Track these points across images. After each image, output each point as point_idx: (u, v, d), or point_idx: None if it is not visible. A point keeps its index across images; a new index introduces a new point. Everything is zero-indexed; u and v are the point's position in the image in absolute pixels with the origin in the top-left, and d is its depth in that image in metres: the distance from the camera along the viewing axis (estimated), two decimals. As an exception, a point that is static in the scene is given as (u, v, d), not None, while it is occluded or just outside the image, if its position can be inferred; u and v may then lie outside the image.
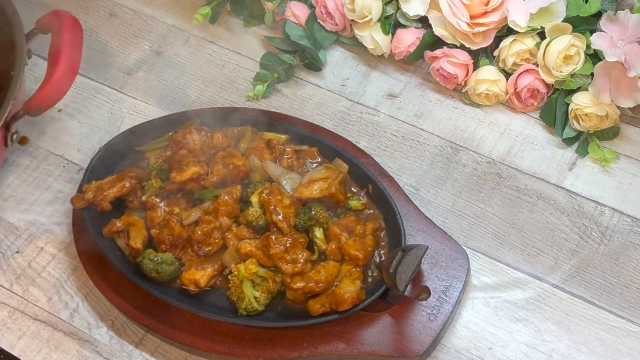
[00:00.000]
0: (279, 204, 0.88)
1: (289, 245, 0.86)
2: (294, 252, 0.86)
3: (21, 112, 0.94)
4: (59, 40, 0.93)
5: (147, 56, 1.13)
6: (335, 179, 0.90)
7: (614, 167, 0.99)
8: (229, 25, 1.15)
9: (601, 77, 0.96)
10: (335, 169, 0.92)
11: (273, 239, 0.87)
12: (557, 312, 0.90)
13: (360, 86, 1.08)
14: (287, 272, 0.85)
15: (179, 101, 1.08)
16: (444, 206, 0.98)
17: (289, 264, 0.86)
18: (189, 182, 0.92)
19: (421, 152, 1.02)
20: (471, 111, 1.05)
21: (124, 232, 0.91)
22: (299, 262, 0.86)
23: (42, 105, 0.93)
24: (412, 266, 0.82)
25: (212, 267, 0.88)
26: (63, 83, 0.92)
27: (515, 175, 0.99)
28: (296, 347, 0.85)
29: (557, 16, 0.99)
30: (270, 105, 1.07)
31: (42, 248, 0.97)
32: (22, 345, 0.91)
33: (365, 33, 1.06)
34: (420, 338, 0.85)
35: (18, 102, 0.94)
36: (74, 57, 0.93)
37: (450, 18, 1.00)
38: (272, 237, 0.87)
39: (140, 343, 0.90)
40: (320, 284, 0.85)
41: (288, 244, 0.86)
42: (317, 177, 0.91)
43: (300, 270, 0.85)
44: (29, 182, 1.02)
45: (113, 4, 1.18)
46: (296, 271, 0.85)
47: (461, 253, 0.90)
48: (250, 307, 0.86)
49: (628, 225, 0.95)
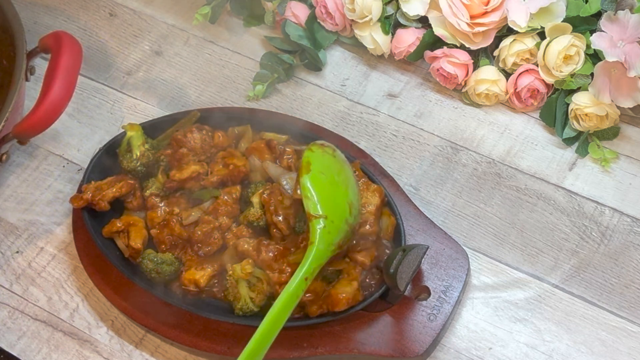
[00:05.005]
0: (279, 204, 0.88)
1: (278, 254, 0.86)
2: (282, 261, 0.86)
3: (11, 135, 0.92)
4: (55, 63, 0.91)
5: (147, 56, 1.13)
6: (335, 179, 0.90)
7: (614, 167, 1.00)
8: (229, 25, 1.15)
9: (601, 77, 0.96)
10: (335, 169, 0.92)
11: (265, 245, 0.86)
12: (557, 312, 0.90)
13: (360, 86, 1.08)
14: (274, 280, 0.85)
15: (179, 101, 1.08)
16: (444, 206, 0.98)
17: (275, 273, 0.85)
18: (189, 181, 0.92)
19: (421, 152, 1.02)
20: (471, 111, 1.05)
21: (124, 232, 0.91)
22: (286, 272, 0.85)
23: (29, 132, 0.91)
24: (413, 266, 0.82)
25: (211, 267, 0.88)
26: (51, 111, 0.90)
27: (515, 175, 0.99)
28: (296, 347, 0.85)
29: (557, 16, 0.99)
30: (270, 105, 1.07)
31: (42, 248, 0.97)
32: (22, 345, 0.91)
33: (365, 33, 1.06)
34: (420, 338, 0.85)
35: (10, 124, 0.91)
36: (68, 83, 0.91)
37: (450, 18, 1.00)
38: (265, 242, 0.87)
39: (140, 343, 0.90)
40: (309, 294, 0.84)
41: (277, 253, 0.86)
42: (317, 177, 0.91)
43: (285, 281, 0.84)
44: (29, 182, 1.02)
45: (113, 4, 1.18)
46: (282, 281, 0.85)
47: (461, 253, 0.90)
48: (246, 308, 0.85)
49: (628, 225, 0.95)
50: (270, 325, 0.78)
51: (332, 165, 0.85)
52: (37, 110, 0.90)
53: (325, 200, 0.82)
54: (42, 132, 0.92)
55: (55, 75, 0.91)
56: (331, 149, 0.87)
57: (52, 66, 0.92)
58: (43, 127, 0.91)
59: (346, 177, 0.86)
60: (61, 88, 0.90)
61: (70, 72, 0.92)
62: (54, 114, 0.91)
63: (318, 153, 0.85)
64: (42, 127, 0.91)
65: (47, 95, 0.90)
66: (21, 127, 0.91)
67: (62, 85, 0.90)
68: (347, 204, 0.84)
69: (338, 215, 0.83)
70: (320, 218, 0.81)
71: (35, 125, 0.91)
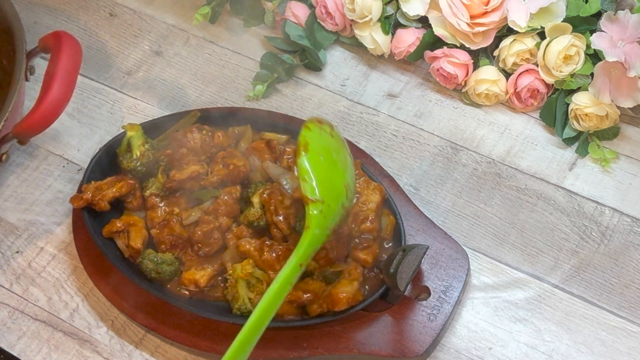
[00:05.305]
0: (280, 204, 0.88)
1: (281, 255, 0.86)
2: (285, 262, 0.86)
3: (10, 135, 0.92)
4: (55, 63, 0.91)
5: (147, 56, 1.13)
6: (335, 179, 0.90)
7: (614, 167, 1.00)
8: (229, 25, 1.15)
9: (601, 77, 0.96)
10: (335, 169, 0.92)
11: (267, 245, 0.86)
12: (557, 312, 0.90)
13: (360, 86, 1.08)
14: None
15: (179, 101, 1.08)
16: (444, 206, 0.98)
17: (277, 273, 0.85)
18: (189, 181, 0.92)
19: (421, 152, 1.02)
20: (471, 111, 1.05)
21: (124, 232, 0.91)
22: None
23: (28, 132, 0.91)
24: (413, 266, 0.82)
25: (212, 267, 0.88)
26: (51, 111, 0.90)
27: (515, 175, 0.99)
28: (296, 347, 0.85)
29: (557, 16, 0.99)
30: (270, 105, 1.07)
31: (42, 248, 0.97)
32: (22, 345, 0.91)
33: (365, 33, 1.06)
34: (420, 338, 0.85)
35: (10, 123, 0.91)
36: (67, 83, 0.90)
37: (450, 18, 1.00)
38: (267, 242, 0.87)
39: (140, 343, 0.90)
40: (308, 294, 0.84)
41: (280, 253, 0.86)
42: (317, 177, 0.91)
43: None
44: (29, 182, 1.02)
45: (113, 4, 1.18)
46: None
47: (461, 253, 0.90)
48: (243, 308, 0.85)
49: (628, 225, 0.95)
50: (263, 313, 0.75)
51: (329, 144, 0.82)
52: (37, 110, 0.90)
53: (322, 183, 0.78)
54: (42, 132, 0.92)
55: (55, 75, 0.90)
56: (329, 127, 0.83)
57: (52, 66, 0.91)
58: (43, 127, 0.91)
59: (344, 156, 0.83)
60: (61, 88, 0.90)
61: (70, 72, 0.91)
62: (54, 114, 0.90)
63: (315, 131, 0.81)
64: (41, 127, 0.91)
65: (47, 95, 0.90)
66: (21, 127, 0.91)
67: (62, 85, 0.90)
68: (343, 186, 0.80)
69: (334, 199, 0.79)
70: (318, 202, 0.77)
71: (35, 125, 0.90)
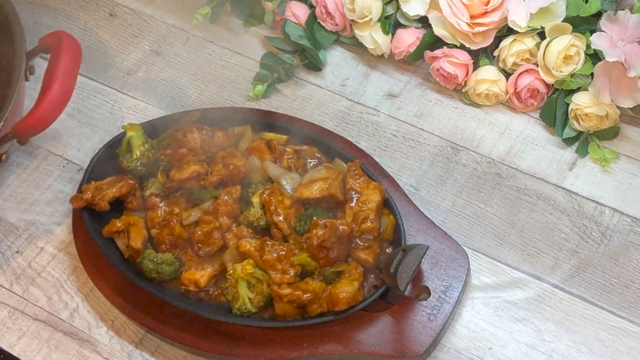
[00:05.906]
0: (280, 204, 0.88)
1: (282, 255, 0.86)
2: (286, 262, 0.86)
3: (10, 134, 0.92)
4: (55, 63, 0.91)
5: (147, 56, 1.13)
6: (335, 179, 0.90)
7: (614, 167, 0.99)
8: (229, 25, 1.15)
9: (601, 77, 0.96)
10: (335, 169, 0.92)
11: (269, 245, 0.86)
12: (557, 312, 0.90)
13: (360, 86, 1.08)
14: (275, 280, 0.85)
15: (179, 101, 1.08)
16: (444, 206, 0.98)
17: (278, 273, 0.85)
18: (189, 181, 0.92)
19: (421, 152, 1.02)
20: (471, 111, 1.05)
21: (124, 232, 0.91)
22: (289, 273, 0.85)
23: (28, 131, 0.91)
24: (413, 266, 0.82)
25: (212, 267, 0.88)
26: (50, 111, 0.90)
27: (515, 175, 0.99)
28: (296, 347, 0.85)
29: (557, 16, 0.99)
30: (270, 105, 1.07)
31: (42, 248, 0.97)
32: (22, 345, 0.91)
33: (365, 33, 1.06)
34: (420, 338, 0.85)
35: (10, 123, 0.91)
36: (66, 84, 0.90)
37: (450, 18, 1.00)
38: (268, 242, 0.87)
39: (140, 343, 0.90)
40: (308, 294, 0.84)
41: (282, 253, 0.86)
42: (317, 177, 0.91)
43: (287, 282, 0.84)
44: (29, 182, 1.02)
45: (113, 4, 1.18)
46: (284, 282, 0.85)
47: (461, 253, 0.90)
48: (243, 308, 0.85)
49: (628, 225, 0.95)
50: None
51: None
52: (37, 109, 0.90)
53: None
54: (42, 132, 0.92)
55: (54, 75, 0.90)
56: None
57: (52, 66, 0.91)
58: (42, 126, 0.91)
59: None
60: (61, 88, 0.90)
61: (70, 72, 0.91)
62: (53, 114, 0.91)
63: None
64: (41, 127, 0.91)
65: (47, 94, 0.90)
66: (20, 127, 0.91)
67: (62, 85, 0.90)
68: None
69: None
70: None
71: (34, 125, 0.90)
